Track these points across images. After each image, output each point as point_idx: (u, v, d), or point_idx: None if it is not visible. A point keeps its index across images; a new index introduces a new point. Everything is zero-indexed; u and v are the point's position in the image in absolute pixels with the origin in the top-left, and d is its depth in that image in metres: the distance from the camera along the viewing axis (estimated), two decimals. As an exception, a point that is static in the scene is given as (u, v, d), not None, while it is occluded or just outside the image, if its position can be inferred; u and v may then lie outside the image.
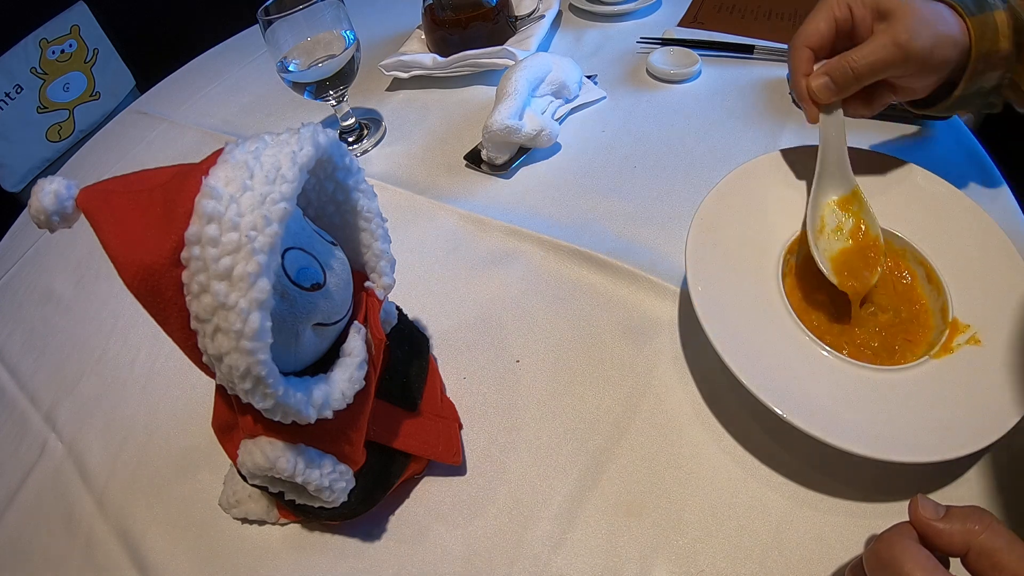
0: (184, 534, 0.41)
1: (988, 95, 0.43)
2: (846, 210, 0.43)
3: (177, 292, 0.25)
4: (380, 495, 0.37)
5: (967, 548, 0.24)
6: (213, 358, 0.25)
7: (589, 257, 0.51)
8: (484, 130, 0.59)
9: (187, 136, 0.81)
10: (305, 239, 0.31)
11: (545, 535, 0.37)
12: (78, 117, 1.40)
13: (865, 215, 0.42)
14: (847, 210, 0.43)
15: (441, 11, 0.75)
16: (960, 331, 0.38)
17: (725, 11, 0.78)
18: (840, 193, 0.43)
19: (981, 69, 0.40)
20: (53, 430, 0.50)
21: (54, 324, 0.60)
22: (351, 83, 0.65)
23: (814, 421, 0.33)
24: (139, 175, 0.27)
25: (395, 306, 0.42)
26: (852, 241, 0.42)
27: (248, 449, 0.30)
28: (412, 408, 0.39)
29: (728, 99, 0.65)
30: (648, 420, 0.41)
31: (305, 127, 0.29)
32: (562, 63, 0.65)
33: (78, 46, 1.39)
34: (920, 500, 0.26)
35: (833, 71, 0.40)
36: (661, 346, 0.45)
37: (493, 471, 0.41)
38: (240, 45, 0.99)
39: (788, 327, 0.39)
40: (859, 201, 0.43)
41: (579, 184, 0.59)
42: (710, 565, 0.35)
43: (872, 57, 0.38)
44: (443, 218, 0.59)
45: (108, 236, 0.25)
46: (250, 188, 0.25)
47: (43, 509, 0.46)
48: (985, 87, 0.41)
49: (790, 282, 0.42)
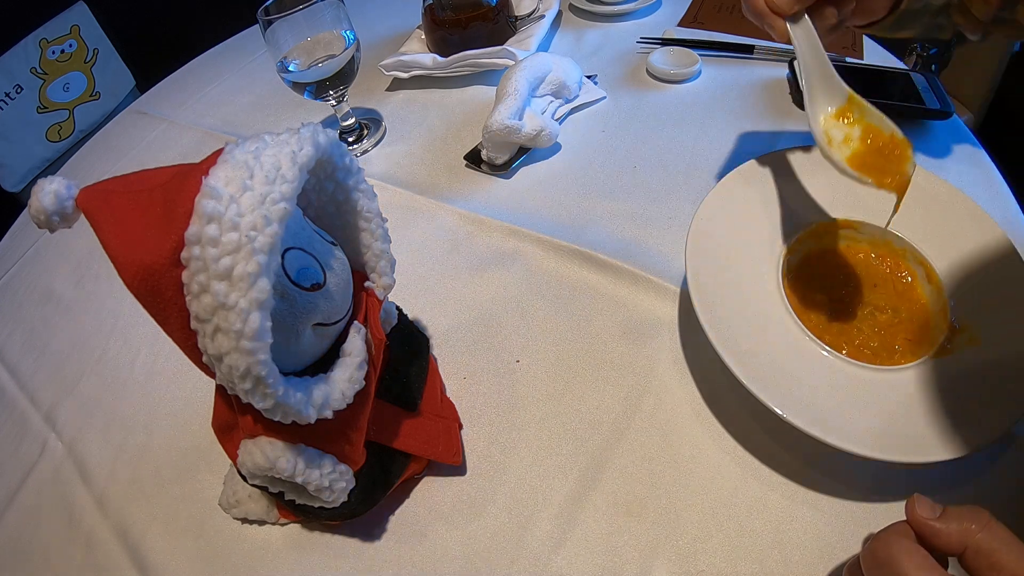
0: (184, 534, 0.41)
1: (936, 15, 0.41)
2: (847, 119, 0.40)
3: (177, 292, 0.25)
4: (380, 495, 0.37)
5: (964, 547, 0.24)
6: (213, 358, 0.25)
7: (589, 257, 0.51)
8: (484, 130, 0.59)
9: (187, 136, 0.81)
10: (305, 239, 0.31)
11: (545, 535, 0.37)
12: (78, 117, 1.40)
13: (871, 117, 0.39)
14: (848, 118, 0.40)
15: (441, 11, 0.75)
16: (960, 331, 0.38)
17: (725, 11, 0.78)
18: (835, 104, 0.41)
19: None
20: (53, 430, 0.50)
21: (54, 324, 0.60)
22: (351, 83, 0.65)
23: (814, 421, 0.33)
24: (139, 175, 0.27)
25: (395, 306, 0.42)
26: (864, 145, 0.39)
27: (248, 449, 0.30)
28: (412, 408, 0.39)
29: (728, 99, 0.65)
30: (648, 420, 0.41)
31: (305, 127, 0.29)
32: (562, 63, 0.65)
33: (78, 46, 1.39)
34: (917, 499, 0.26)
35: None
36: (661, 346, 0.45)
37: (493, 471, 0.41)
38: (240, 45, 0.99)
39: (788, 327, 0.39)
40: (858, 107, 0.40)
41: (579, 184, 0.59)
42: (710, 565, 0.35)
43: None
44: (443, 218, 0.59)
45: (108, 236, 0.25)
46: (250, 188, 0.25)
47: (43, 509, 0.46)
48: (933, 4, 0.40)
49: (790, 282, 0.42)
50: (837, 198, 0.45)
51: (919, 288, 0.42)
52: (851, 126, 0.40)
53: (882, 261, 0.43)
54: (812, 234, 0.44)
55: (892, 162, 0.38)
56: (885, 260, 0.43)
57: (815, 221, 0.44)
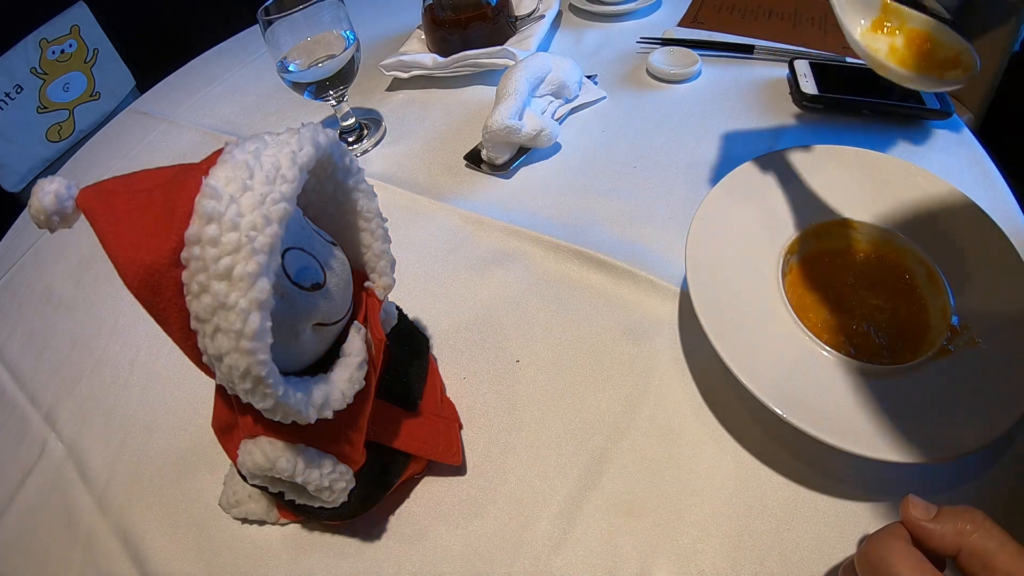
0: (184, 534, 0.41)
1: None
2: (887, 29, 0.38)
3: (177, 292, 0.25)
4: (380, 495, 0.37)
5: (959, 548, 0.24)
6: (213, 358, 0.25)
7: (589, 257, 0.51)
8: (484, 130, 0.59)
9: (187, 136, 0.81)
10: (305, 239, 0.31)
11: (545, 535, 0.37)
12: (78, 117, 1.40)
13: (913, 21, 0.37)
14: (888, 29, 0.38)
15: (441, 11, 0.75)
16: (960, 331, 0.38)
17: (725, 11, 0.78)
18: (870, 16, 0.38)
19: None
20: (53, 430, 0.50)
21: (54, 324, 0.60)
22: (351, 83, 0.65)
23: (814, 421, 0.33)
24: (139, 175, 0.27)
25: (395, 306, 0.42)
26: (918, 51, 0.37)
27: (248, 449, 0.30)
28: (412, 408, 0.39)
29: (728, 99, 0.65)
30: (648, 420, 0.41)
31: (305, 127, 0.29)
32: (562, 63, 0.65)
33: (78, 46, 1.39)
34: (912, 500, 0.26)
35: None
36: (661, 346, 0.45)
37: (493, 471, 0.41)
38: (240, 45, 0.99)
39: (788, 327, 0.39)
40: (895, 13, 0.38)
41: (579, 184, 0.59)
42: (710, 565, 0.35)
43: None
44: (443, 218, 0.59)
45: (108, 236, 0.25)
46: (250, 188, 0.25)
47: (43, 509, 0.46)
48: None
49: (790, 282, 0.42)
50: (837, 198, 0.45)
51: (919, 288, 0.42)
52: (891, 35, 0.37)
53: (882, 261, 0.43)
54: (812, 234, 0.44)
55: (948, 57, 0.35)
56: (885, 260, 0.43)
57: (815, 221, 0.44)
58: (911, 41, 0.37)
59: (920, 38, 0.37)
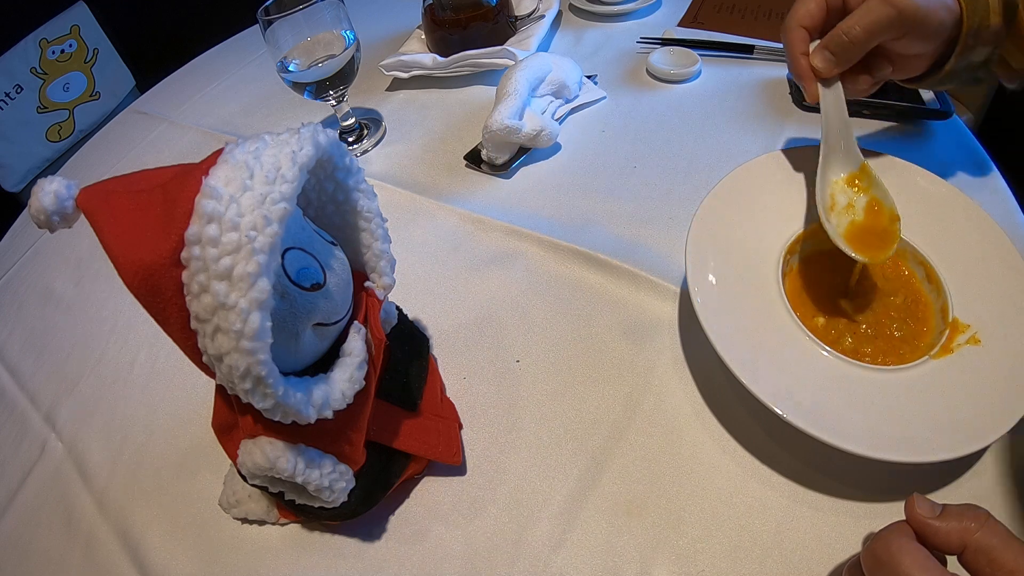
0: (184, 534, 0.41)
1: (976, 70, 0.43)
2: (855, 187, 0.42)
3: (177, 292, 0.25)
4: (380, 495, 0.37)
5: (963, 546, 0.24)
6: (213, 358, 0.25)
7: (589, 257, 0.51)
8: (484, 130, 0.59)
9: (187, 136, 0.81)
10: (305, 239, 0.31)
11: (545, 535, 0.37)
12: (78, 117, 1.40)
13: (876, 190, 0.42)
14: (857, 187, 0.42)
15: (441, 11, 0.75)
16: (960, 331, 0.38)
17: (725, 11, 0.78)
18: (848, 170, 0.43)
19: (971, 44, 0.40)
20: (53, 430, 0.50)
21: (54, 324, 0.60)
22: (351, 83, 0.65)
23: (814, 421, 0.33)
24: (139, 175, 0.27)
25: (395, 306, 0.42)
26: (866, 217, 0.42)
27: (248, 449, 0.30)
28: (412, 408, 0.39)
29: (728, 99, 0.65)
30: (648, 420, 0.41)
31: (305, 127, 0.29)
32: (562, 63, 0.65)
33: (78, 46, 1.39)
34: (916, 499, 0.26)
35: (831, 43, 0.40)
36: (661, 346, 0.45)
37: (493, 471, 0.41)
38: (240, 45, 0.99)
39: (788, 327, 0.39)
40: (868, 177, 0.42)
41: (579, 184, 0.59)
42: (710, 565, 0.35)
43: (866, 19, 0.38)
44: (443, 218, 0.59)
45: (108, 236, 0.25)
46: (250, 188, 0.25)
47: (43, 509, 0.46)
48: (974, 61, 0.41)
49: (790, 282, 0.42)
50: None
51: (919, 288, 0.42)
52: (857, 194, 0.42)
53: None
54: (812, 234, 0.44)
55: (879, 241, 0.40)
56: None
57: (815, 221, 0.44)
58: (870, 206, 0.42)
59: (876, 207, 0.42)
